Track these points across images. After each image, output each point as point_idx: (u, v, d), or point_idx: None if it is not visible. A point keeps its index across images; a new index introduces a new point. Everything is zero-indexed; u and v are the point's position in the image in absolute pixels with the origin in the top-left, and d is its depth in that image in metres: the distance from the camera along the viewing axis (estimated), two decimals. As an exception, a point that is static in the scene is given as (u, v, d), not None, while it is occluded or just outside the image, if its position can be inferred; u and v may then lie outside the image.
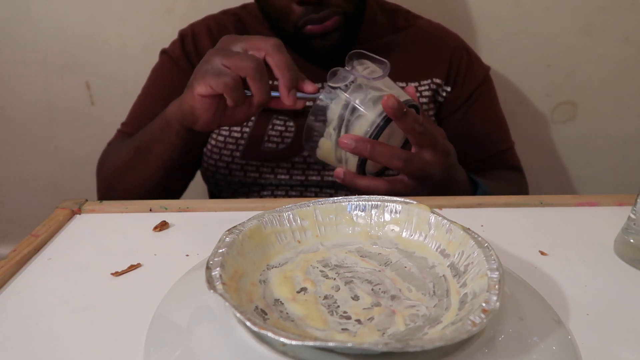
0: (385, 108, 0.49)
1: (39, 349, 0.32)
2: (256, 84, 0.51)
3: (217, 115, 0.55)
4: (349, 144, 0.50)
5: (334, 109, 0.51)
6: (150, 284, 0.39)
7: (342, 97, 0.51)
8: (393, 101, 0.48)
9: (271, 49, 0.51)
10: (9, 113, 1.13)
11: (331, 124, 0.51)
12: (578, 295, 0.37)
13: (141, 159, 0.64)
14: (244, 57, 0.50)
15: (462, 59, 0.78)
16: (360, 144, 0.50)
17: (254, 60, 0.50)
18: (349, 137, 0.50)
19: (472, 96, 0.78)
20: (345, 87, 0.50)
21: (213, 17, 0.80)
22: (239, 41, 0.53)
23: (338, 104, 0.51)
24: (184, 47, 0.76)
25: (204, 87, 0.52)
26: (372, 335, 0.29)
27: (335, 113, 0.51)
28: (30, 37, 1.06)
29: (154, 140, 0.62)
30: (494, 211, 0.52)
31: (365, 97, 0.51)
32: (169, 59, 0.77)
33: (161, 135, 0.61)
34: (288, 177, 0.74)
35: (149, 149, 0.63)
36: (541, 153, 1.14)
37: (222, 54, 0.51)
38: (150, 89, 0.78)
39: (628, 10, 1.00)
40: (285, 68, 0.51)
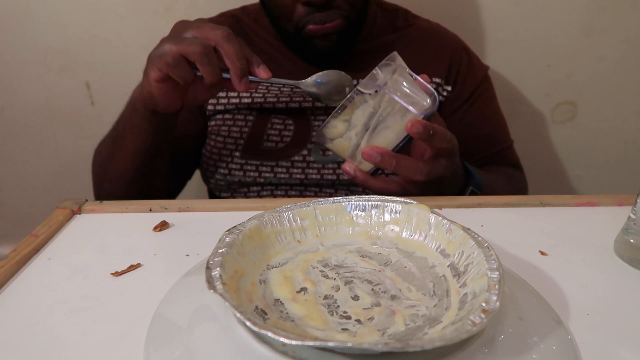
0: (412, 133, 0.48)
1: (39, 349, 0.32)
2: (204, 67, 0.52)
3: (176, 96, 0.57)
4: (373, 157, 0.49)
5: (359, 114, 0.49)
6: (150, 284, 0.39)
7: (369, 105, 0.49)
8: (418, 127, 0.48)
9: (220, 39, 0.52)
10: (9, 113, 1.13)
11: (354, 128, 0.50)
12: (578, 295, 0.37)
13: (118, 148, 0.65)
14: (191, 42, 0.51)
15: (462, 58, 0.78)
16: (386, 158, 0.49)
17: (200, 44, 0.51)
18: (374, 150, 0.49)
19: (473, 96, 0.78)
20: (375, 93, 0.49)
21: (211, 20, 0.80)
22: (190, 28, 0.54)
23: (365, 111, 0.49)
24: None
25: (153, 71, 0.54)
26: (372, 335, 0.29)
27: (360, 120, 0.50)
28: (30, 37, 1.06)
29: (126, 127, 0.63)
30: (494, 211, 0.52)
31: (393, 109, 0.49)
32: None
33: (131, 120, 0.62)
34: (288, 176, 0.74)
35: (123, 136, 0.64)
36: (541, 153, 1.14)
37: (172, 41, 0.52)
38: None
39: (628, 10, 1.00)
40: (235, 57, 0.52)
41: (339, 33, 0.68)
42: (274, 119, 0.74)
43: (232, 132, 0.74)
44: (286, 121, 0.74)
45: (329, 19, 0.66)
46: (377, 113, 0.49)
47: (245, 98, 0.74)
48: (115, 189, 0.68)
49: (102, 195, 0.70)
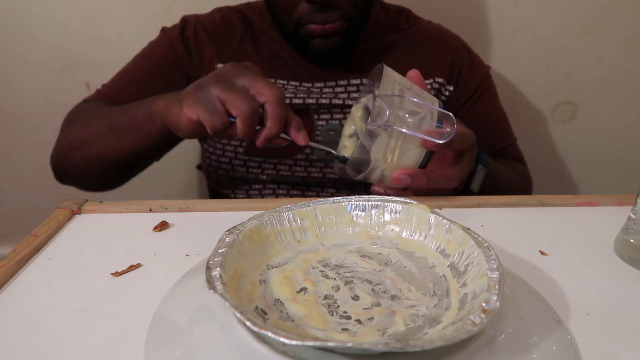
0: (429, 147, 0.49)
1: (39, 349, 0.32)
2: (242, 126, 0.50)
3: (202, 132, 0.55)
4: (404, 180, 0.50)
5: (376, 150, 0.49)
6: (150, 284, 0.39)
7: (384, 137, 0.49)
8: (432, 143, 0.48)
9: (272, 99, 0.50)
10: (9, 113, 1.13)
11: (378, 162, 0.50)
12: (578, 295, 0.37)
13: (113, 138, 0.63)
14: (242, 99, 0.49)
15: (464, 58, 0.79)
16: (417, 177, 0.50)
17: (250, 104, 0.49)
18: (403, 173, 0.50)
19: (475, 95, 0.78)
20: (385, 126, 0.48)
21: (219, 11, 0.80)
22: (244, 76, 0.51)
23: (381, 144, 0.49)
24: (184, 31, 0.76)
25: (193, 114, 0.51)
26: (372, 335, 0.29)
27: (380, 153, 0.49)
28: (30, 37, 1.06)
29: (132, 126, 0.62)
30: (494, 211, 0.52)
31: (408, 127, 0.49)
32: (166, 37, 0.77)
33: (141, 124, 0.60)
34: (290, 174, 0.74)
35: (125, 131, 0.62)
36: (541, 153, 1.14)
37: (223, 87, 0.50)
38: (142, 59, 0.78)
39: (628, 10, 1.00)
40: (278, 123, 0.50)
41: (340, 34, 0.68)
42: None
43: None
44: None
45: (329, 19, 0.66)
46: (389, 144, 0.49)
47: None
48: (84, 166, 0.67)
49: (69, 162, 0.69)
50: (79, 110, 0.74)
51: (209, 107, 0.50)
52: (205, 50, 0.75)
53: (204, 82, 0.51)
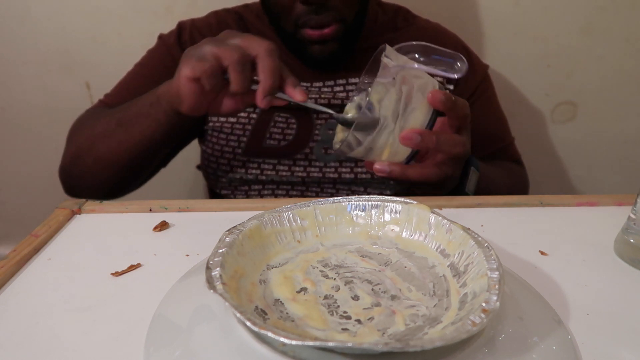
0: (436, 104, 0.48)
1: (39, 349, 0.32)
2: (234, 75, 0.51)
3: (202, 100, 0.56)
4: (414, 139, 0.48)
5: (386, 104, 0.48)
6: (150, 284, 0.39)
7: (392, 92, 0.48)
8: (440, 96, 0.48)
9: (263, 52, 0.52)
10: (9, 113, 1.13)
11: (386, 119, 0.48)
12: (578, 295, 0.37)
13: (123, 130, 0.64)
14: (230, 49, 0.51)
15: None
16: (426, 137, 0.49)
17: (239, 52, 0.51)
18: (413, 132, 0.48)
19: (474, 95, 0.78)
20: (393, 82, 0.48)
21: (215, 14, 0.80)
22: (236, 36, 0.53)
23: (391, 99, 0.48)
24: (180, 37, 0.77)
25: (188, 69, 0.53)
26: (372, 335, 0.29)
27: (389, 109, 0.48)
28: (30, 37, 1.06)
29: (141, 114, 0.62)
30: (494, 211, 0.52)
31: (413, 88, 0.48)
32: (163, 44, 0.77)
33: (149, 110, 0.61)
34: (289, 174, 0.74)
35: (134, 121, 0.63)
36: (541, 153, 1.14)
37: (214, 43, 0.52)
38: (141, 68, 0.78)
39: (628, 10, 1.00)
40: (270, 73, 0.52)
41: (338, 40, 0.68)
42: (276, 117, 0.74)
43: (234, 130, 0.75)
44: (289, 119, 0.74)
45: (325, 21, 0.66)
46: (401, 99, 0.48)
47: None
48: (96, 167, 0.66)
49: (79, 170, 0.68)
50: (84, 117, 0.74)
51: (202, 60, 0.52)
52: None
53: (197, 44, 0.54)
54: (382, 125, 0.48)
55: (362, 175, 0.74)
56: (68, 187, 0.72)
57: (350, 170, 0.74)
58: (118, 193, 0.73)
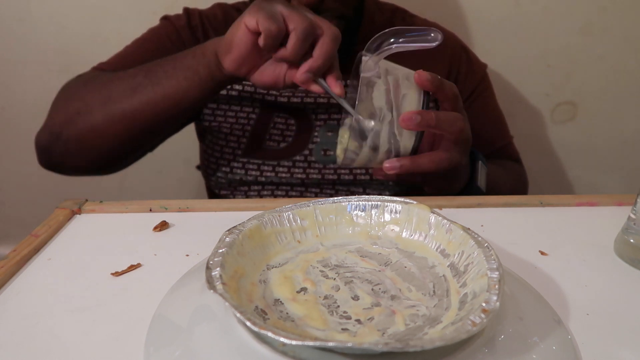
0: (423, 83, 0.48)
1: (39, 349, 0.32)
2: (294, 41, 0.51)
3: (251, 57, 0.55)
4: (414, 119, 0.48)
5: (377, 97, 0.49)
6: (150, 284, 0.39)
7: (381, 84, 0.49)
8: (426, 75, 0.48)
9: (329, 33, 0.52)
10: (9, 113, 1.13)
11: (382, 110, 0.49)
12: (578, 295, 0.37)
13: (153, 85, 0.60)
14: (302, 16, 0.51)
15: (462, 58, 0.79)
16: (425, 115, 0.48)
17: (309, 22, 0.51)
18: (412, 113, 0.48)
19: (473, 94, 0.78)
20: (378, 74, 0.49)
21: (220, 7, 0.79)
22: (309, 12, 0.53)
23: (380, 90, 0.49)
24: (190, 20, 0.75)
25: (252, 21, 0.51)
26: (372, 335, 0.29)
27: (382, 100, 0.49)
28: (30, 37, 1.06)
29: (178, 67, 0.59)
30: (494, 211, 0.52)
31: (399, 76, 0.49)
32: (171, 25, 0.75)
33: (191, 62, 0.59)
34: (289, 176, 0.74)
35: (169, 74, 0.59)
36: (541, 153, 1.14)
37: (286, 5, 0.52)
38: (144, 42, 0.75)
39: (628, 10, 1.00)
40: (326, 55, 0.51)
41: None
42: (276, 118, 0.74)
43: (234, 130, 0.75)
44: (288, 120, 0.74)
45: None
46: (390, 89, 0.49)
47: (249, 86, 0.74)
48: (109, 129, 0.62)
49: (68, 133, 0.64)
50: (79, 81, 0.69)
51: (269, 14, 0.51)
52: None
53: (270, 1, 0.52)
54: (380, 116, 0.49)
55: (361, 176, 0.74)
56: (45, 156, 0.68)
57: (349, 171, 0.74)
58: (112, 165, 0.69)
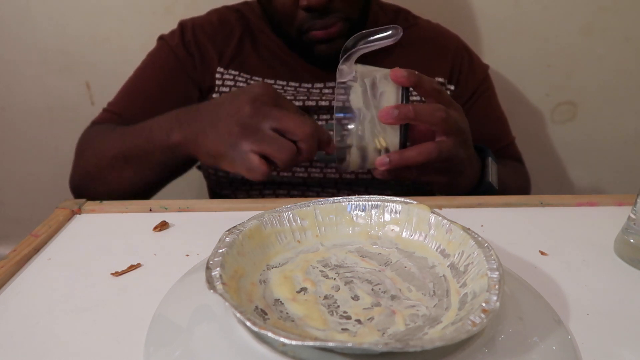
0: (399, 79, 0.49)
1: (39, 349, 0.32)
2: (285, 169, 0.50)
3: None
4: (391, 113, 0.48)
5: (354, 99, 0.50)
6: (150, 284, 0.39)
7: (358, 88, 0.50)
8: (401, 71, 0.49)
9: (304, 137, 0.49)
10: (8, 113, 1.13)
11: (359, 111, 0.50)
12: (578, 295, 0.37)
13: (132, 170, 0.61)
14: (276, 145, 0.48)
15: (464, 58, 0.79)
16: (402, 108, 0.48)
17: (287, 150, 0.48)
18: (389, 108, 0.49)
19: (474, 95, 0.78)
20: (354, 78, 0.50)
21: (216, 12, 0.80)
22: (269, 118, 0.49)
23: (357, 92, 0.50)
24: (183, 36, 0.76)
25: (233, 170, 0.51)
26: (372, 335, 0.29)
27: (360, 101, 0.50)
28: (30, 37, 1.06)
29: (151, 160, 0.59)
30: (494, 211, 0.52)
31: (376, 77, 0.51)
32: (166, 45, 0.76)
33: (158, 157, 0.58)
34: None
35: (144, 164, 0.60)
36: (541, 153, 1.14)
37: (252, 140, 0.48)
38: (144, 71, 0.77)
39: (628, 10, 1.00)
40: (310, 157, 0.50)
41: (343, 37, 0.68)
42: None
43: None
44: None
45: (329, 23, 0.66)
46: (367, 90, 0.50)
47: None
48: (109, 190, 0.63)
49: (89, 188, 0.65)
50: (91, 136, 0.71)
51: (245, 163, 0.49)
52: (207, 52, 0.75)
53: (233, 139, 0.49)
54: (359, 117, 0.50)
55: (363, 175, 0.74)
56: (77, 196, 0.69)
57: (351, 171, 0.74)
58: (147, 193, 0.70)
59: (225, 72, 0.75)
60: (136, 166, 0.60)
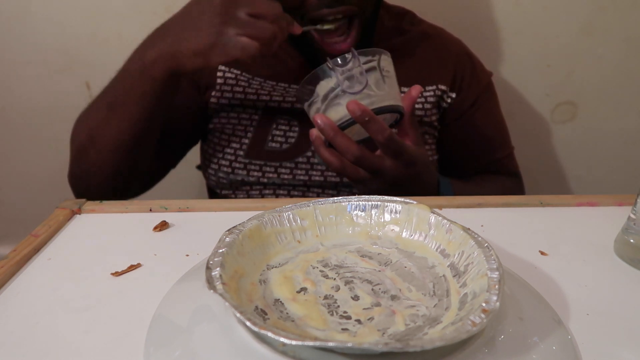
0: (351, 112, 0.51)
1: (39, 349, 0.32)
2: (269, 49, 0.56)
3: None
4: (319, 124, 0.53)
5: (323, 85, 0.54)
6: (150, 284, 0.39)
7: (332, 80, 0.54)
8: (354, 107, 0.51)
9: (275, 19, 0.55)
10: (9, 113, 1.13)
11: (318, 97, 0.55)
12: (578, 295, 0.37)
13: (114, 114, 0.62)
14: (259, 28, 0.54)
15: (466, 65, 0.78)
16: (327, 129, 0.53)
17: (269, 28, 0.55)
18: (322, 118, 0.53)
19: (476, 103, 0.78)
20: (342, 71, 0.53)
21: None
22: (242, 5, 0.55)
23: (328, 83, 0.54)
24: None
25: (227, 58, 0.55)
26: (372, 335, 0.29)
27: (324, 90, 0.54)
28: (30, 37, 1.06)
29: (129, 93, 0.61)
30: (494, 211, 0.52)
31: (352, 87, 0.53)
32: None
33: (136, 86, 0.60)
34: (291, 177, 0.74)
35: (124, 102, 0.61)
36: (541, 153, 1.14)
37: (235, 24, 0.54)
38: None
39: (628, 10, 1.00)
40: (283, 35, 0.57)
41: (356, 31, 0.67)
42: (279, 120, 0.74)
43: (236, 131, 0.74)
44: (291, 122, 0.74)
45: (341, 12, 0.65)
46: (335, 89, 0.54)
47: (251, 95, 0.74)
48: (103, 159, 0.64)
49: (84, 167, 0.66)
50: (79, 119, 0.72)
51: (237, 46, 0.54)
52: None
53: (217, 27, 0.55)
54: (313, 99, 0.55)
55: None
56: (77, 190, 0.71)
57: None
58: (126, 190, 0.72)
59: (227, 70, 0.75)
60: (120, 109, 0.62)
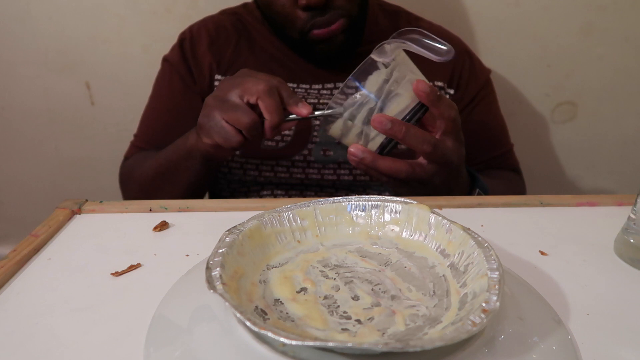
0: (418, 93, 0.48)
1: (39, 349, 0.32)
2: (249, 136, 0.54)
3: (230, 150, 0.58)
4: (384, 124, 0.48)
5: (372, 81, 0.49)
6: (150, 284, 0.39)
7: (382, 72, 0.49)
8: (425, 85, 0.48)
9: (262, 94, 0.52)
10: (8, 113, 1.13)
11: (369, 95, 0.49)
12: (578, 295, 0.37)
13: (168, 183, 0.67)
14: (240, 114, 0.52)
15: (465, 62, 0.78)
16: (396, 125, 0.48)
17: (247, 115, 0.52)
18: (385, 118, 0.48)
19: (475, 99, 0.78)
20: (387, 64, 0.49)
21: (211, 19, 0.80)
22: (234, 87, 0.54)
23: (378, 78, 0.49)
24: (183, 52, 0.77)
25: (212, 142, 0.55)
26: (372, 335, 0.29)
27: (374, 87, 0.49)
28: (30, 37, 1.06)
29: (179, 167, 0.64)
30: (494, 211, 0.52)
31: (404, 77, 0.49)
32: (169, 66, 0.78)
33: (186, 164, 0.63)
34: (288, 176, 0.74)
35: (175, 174, 0.65)
36: (541, 153, 1.14)
37: (221, 109, 0.53)
38: (156, 99, 0.79)
39: (628, 10, 1.00)
40: (274, 112, 0.52)
41: (344, 33, 0.68)
42: None
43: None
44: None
45: (332, 19, 0.66)
46: (389, 81, 0.49)
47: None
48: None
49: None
50: (128, 169, 0.77)
51: (219, 131, 0.54)
52: (204, 62, 0.76)
53: (205, 113, 0.55)
54: (364, 99, 0.49)
55: (361, 177, 0.74)
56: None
57: (349, 172, 0.74)
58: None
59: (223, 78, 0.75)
60: (171, 178, 0.66)
